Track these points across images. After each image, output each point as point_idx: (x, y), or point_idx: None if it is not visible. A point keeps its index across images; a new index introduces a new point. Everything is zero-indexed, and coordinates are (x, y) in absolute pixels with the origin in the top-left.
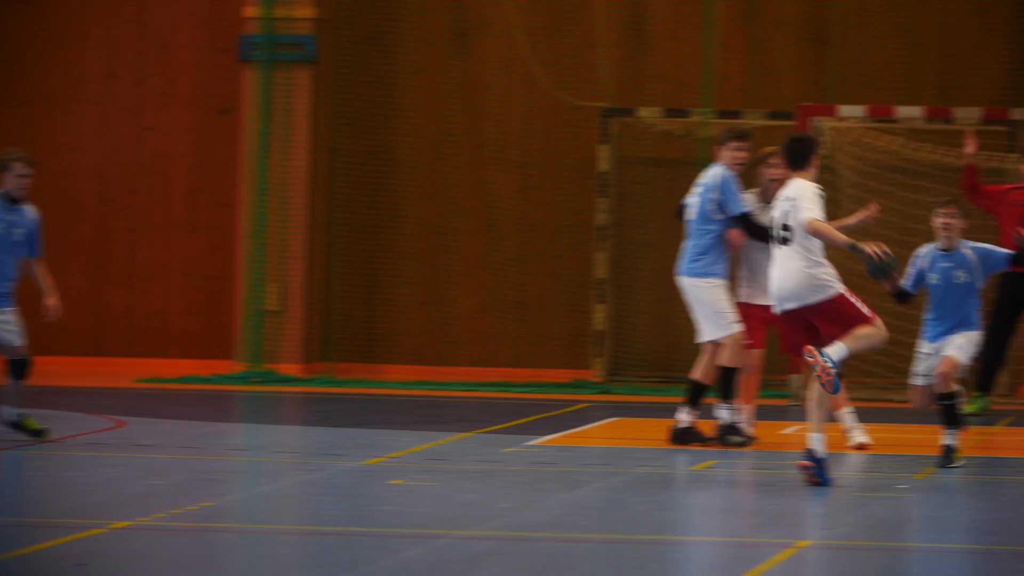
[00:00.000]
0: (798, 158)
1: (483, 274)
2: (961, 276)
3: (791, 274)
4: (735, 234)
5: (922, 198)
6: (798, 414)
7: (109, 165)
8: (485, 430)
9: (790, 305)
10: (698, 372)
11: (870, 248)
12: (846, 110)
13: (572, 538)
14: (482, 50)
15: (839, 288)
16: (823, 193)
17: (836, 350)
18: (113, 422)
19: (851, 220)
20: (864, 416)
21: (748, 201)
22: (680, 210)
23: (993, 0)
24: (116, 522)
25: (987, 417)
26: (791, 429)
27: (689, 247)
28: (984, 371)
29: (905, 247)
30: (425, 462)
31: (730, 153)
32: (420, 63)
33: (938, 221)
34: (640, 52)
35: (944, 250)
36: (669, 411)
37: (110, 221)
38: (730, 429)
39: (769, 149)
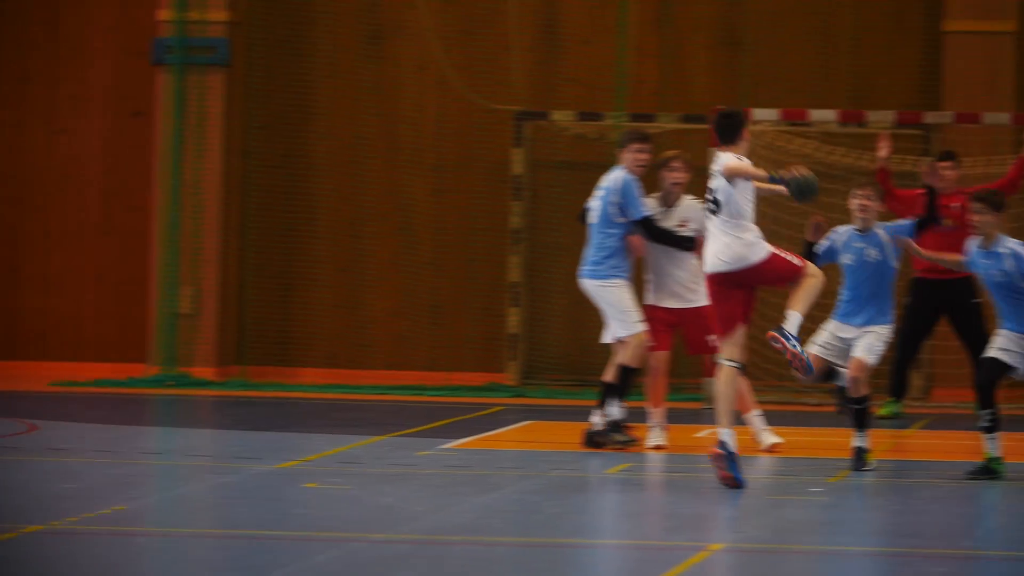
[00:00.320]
0: (728, 133)
1: (397, 277)
2: (873, 254)
3: (725, 243)
4: (637, 239)
5: (836, 201)
6: (711, 418)
7: (22, 168)
8: (399, 433)
9: (728, 268)
10: (609, 374)
11: (790, 171)
12: (760, 113)
13: (486, 541)
14: (396, 53)
15: (770, 248)
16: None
17: (792, 323)
18: (26, 426)
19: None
20: (779, 419)
21: (649, 205)
22: (583, 214)
23: (906, 4)
24: (28, 526)
25: (901, 420)
26: (704, 432)
27: (592, 250)
28: (897, 376)
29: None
30: (339, 465)
31: (631, 155)
32: (334, 66)
33: (854, 203)
34: (553, 56)
35: (860, 231)
36: (583, 414)
37: (23, 224)
38: (616, 427)
39: (671, 153)
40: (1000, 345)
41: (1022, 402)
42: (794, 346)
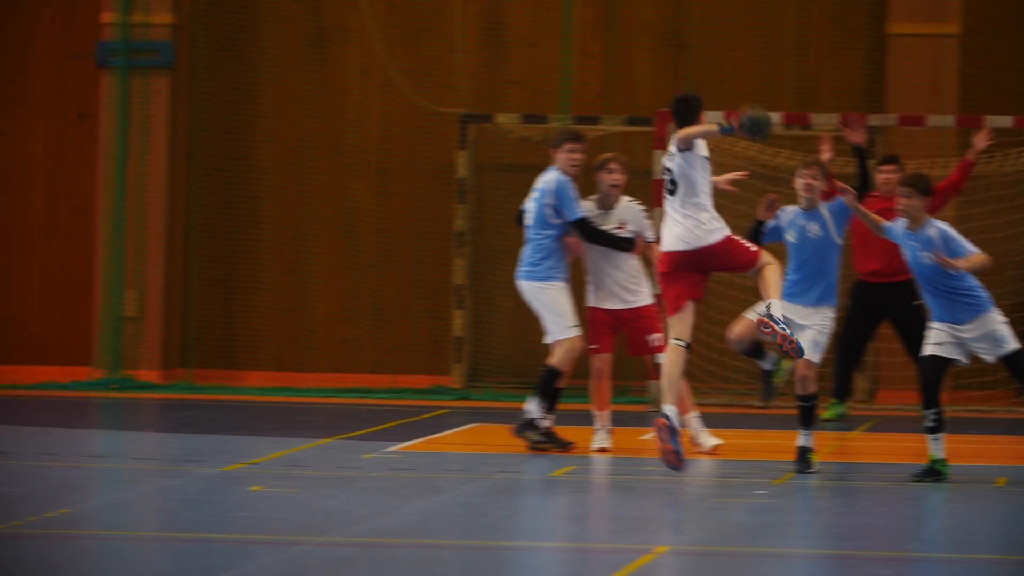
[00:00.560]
0: (686, 116)
1: (342, 280)
2: (815, 230)
3: (685, 226)
4: (573, 240)
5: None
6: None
7: None
8: (344, 436)
9: (686, 247)
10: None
11: (741, 111)
12: (704, 116)
13: (431, 544)
14: (340, 56)
15: (728, 231)
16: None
17: (775, 309)
18: None
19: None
20: (724, 422)
21: (586, 207)
22: (520, 216)
23: (849, 6)
24: None
25: (846, 423)
26: (650, 435)
27: (528, 251)
28: (840, 378)
29: None
30: (284, 468)
31: (565, 155)
32: (278, 69)
33: (800, 182)
34: (498, 58)
35: (804, 210)
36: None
37: None
38: (531, 425)
39: (608, 155)
40: (934, 340)
41: (967, 404)
42: (783, 329)
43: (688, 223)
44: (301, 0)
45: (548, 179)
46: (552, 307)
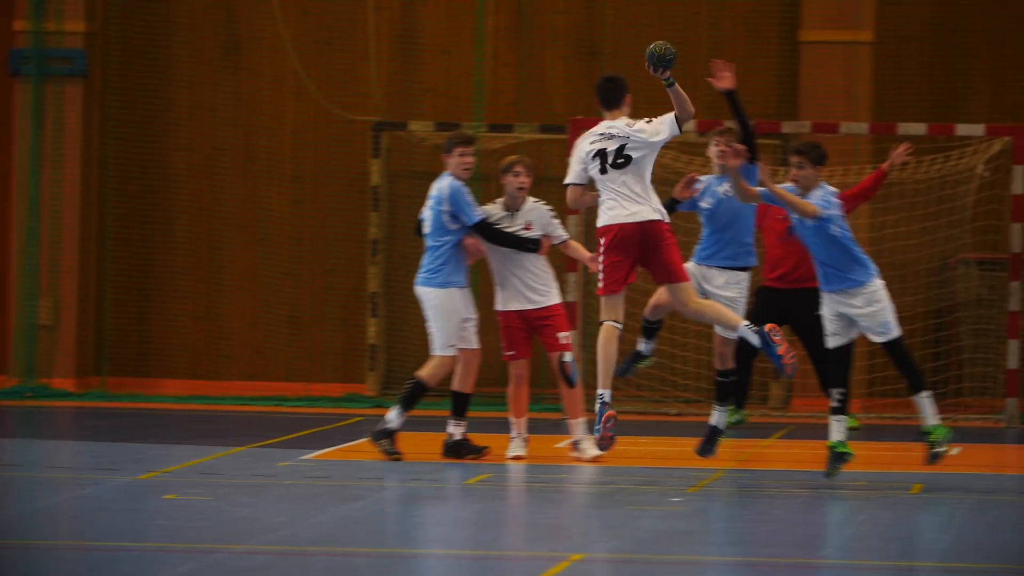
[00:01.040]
0: (613, 97)
1: (256, 288)
2: (725, 189)
3: (638, 204)
4: (471, 242)
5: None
6: (569, 427)
7: None
8: (259, 444)
9: (637, 219)
10: (456, 383)
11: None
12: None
13: (347, 552)
14: (253, 64)
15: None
16: None
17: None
18: None
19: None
20: (639, 429)
21: (492, 210)
22: (419, 226)
23: (763, 14)
24: None
25: (762, 430)
26: (566, 442)
27: (427, 258)
28: (738, 385)
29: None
30: (200, 476)
31: (457, 159)
32: (191, 77)
33: (714, 149)
34: (411, 66)
35: (719, 176)
36: (442, 424)
37: None
38: (386, 433)
39: (512, 158)
40: (830, 331)
41: (882, 411)
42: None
43: (642, 201)
44: (214, 8)
45: (442, 185)
46: (441, 318)
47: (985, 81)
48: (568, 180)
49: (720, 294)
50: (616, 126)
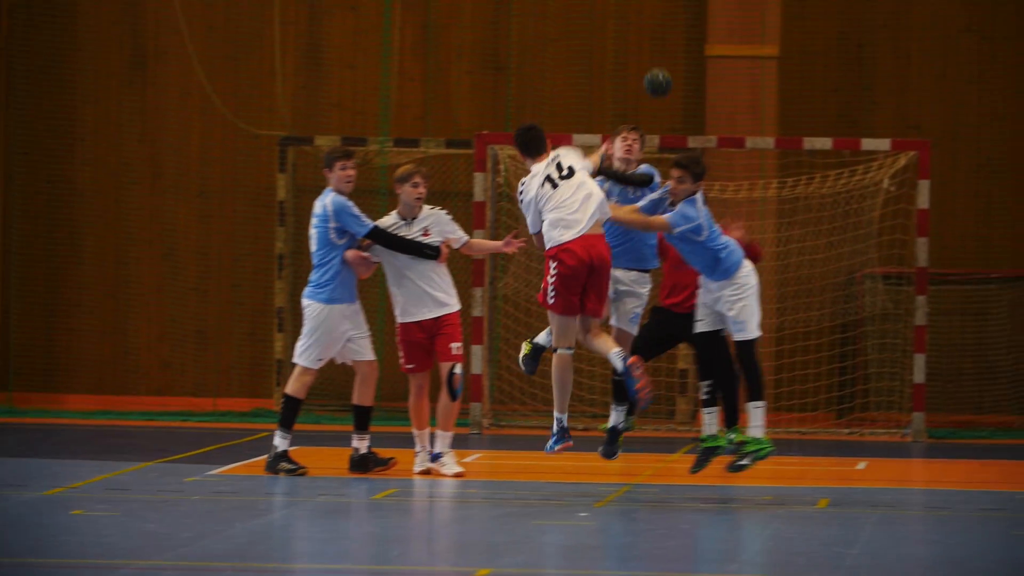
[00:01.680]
0: (535, 145)
1: (163, 303)
2: (629, 191)
3: (599, 232)
4: (353, 256)
5: None
6: (479, 442)
7: None
8: (166, 459)
9: (591, 222)
10: (356, 397)
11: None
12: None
13: (254, 568)
14: (160, 79)
15: None
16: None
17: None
18: None
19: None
20: (545, 443)
21: (387, 221)
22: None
23: (668, 28)
24: None
25: (668, 445)
26: (472, 458)
27: (314, 274)
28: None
29: None
30: (107, 492)
31: (338, 174)
32: (97, 92)
33: (619, 144)
34: (317, 81)
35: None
36: (349, 439)
37: None
38: (279, 458)
39: (409, 168)
40: (698, 317)
41: (788, 425)
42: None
43: (591, 207)
44: (120, 23)
45: (326, 202)
46: (312, 333)
47: (890, 96)
48: (532, 230)
49: (634, 290)
50: (546, 160)
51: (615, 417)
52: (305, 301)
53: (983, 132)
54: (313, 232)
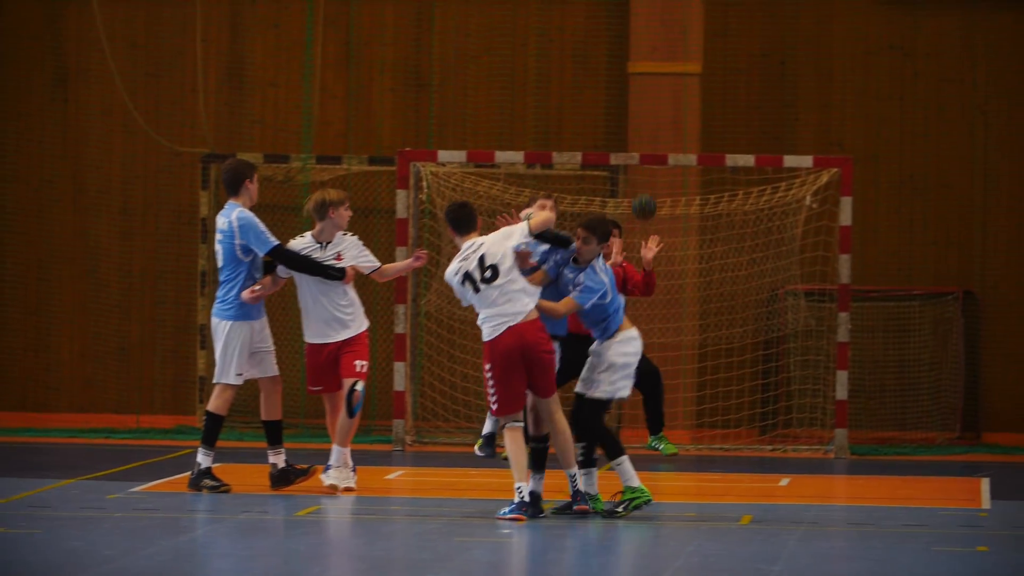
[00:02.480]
0: (465, 223)
1: (85, 320)
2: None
3: (517, 304)
4: (246, 295)
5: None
6: (401, 459)
7: None
8: (89, 476)
9: (519, 317)
10: (264, 413)
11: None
12: (446, 155)
13: None
14: (82, 96)
15: None
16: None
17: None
18: None
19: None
20: (469, 461)
21: (300, 243)
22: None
23: (590, 45)
24: None
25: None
26: (395, 474)
27: (220, 291)
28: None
29: None
30: (28, 509)
31: (248, 188)
32: (19, 109)
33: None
34: (239, 98)
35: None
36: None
37: None
38: (202, 475)
39: (343, 193)
40: (582, 375)
41: (711, 442)
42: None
43: (519, 300)
44: (42, 39)
45: (232, 218)
46: (227, 349)
47: (813, 113)
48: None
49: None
50: (472, 244)
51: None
52: (214, 320)
53: (905, 149)
54: (218, 248)
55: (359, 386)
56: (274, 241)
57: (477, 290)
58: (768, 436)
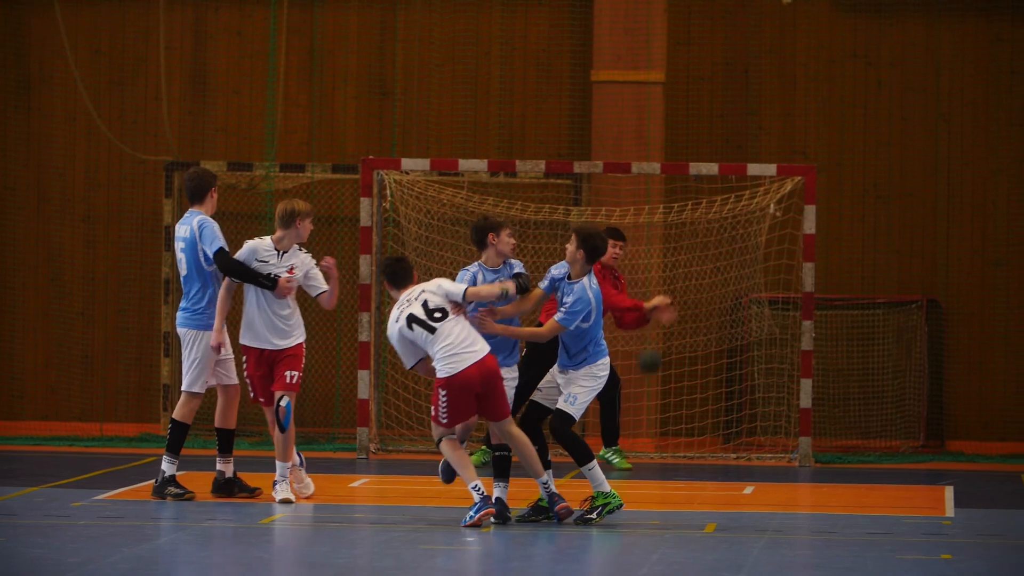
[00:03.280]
0: (400, 278)
1: (49, 328)
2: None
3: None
4: (214, 344)
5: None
6: (365, 467)
7: None
8: (53, 484)
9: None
10: (218, 420)
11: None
12: (409, 163)
13: None
14: (45, 104)
15: None
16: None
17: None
18: None
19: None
20: (433, 469)
21: (260, 245)
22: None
23: (553, 53)
24: None
25: (555, 471)
26: (359, 482)
27: (185, 300)
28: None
29: None
30: None
31: (214, 195)
32: None
33: (507, 239)
34: (203, 106)
35: (495, 268)
36: (236, 464)
37: None
38: (166, 482)
39: (309, 205)
40: (540, 384)
41: (675, 450)
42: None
43: (479, 339)
44: (5, 47)
45: (193, 224)
46: (196, 359)
47: (776, 121)
48: (408, 366)
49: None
50: (411, 292)
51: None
52: (183, 329)
53: (869, 158)
54: (181, 257)
55: (284, 401)
56: (220, 245)
57: (432, 330)
58: (732, 444)
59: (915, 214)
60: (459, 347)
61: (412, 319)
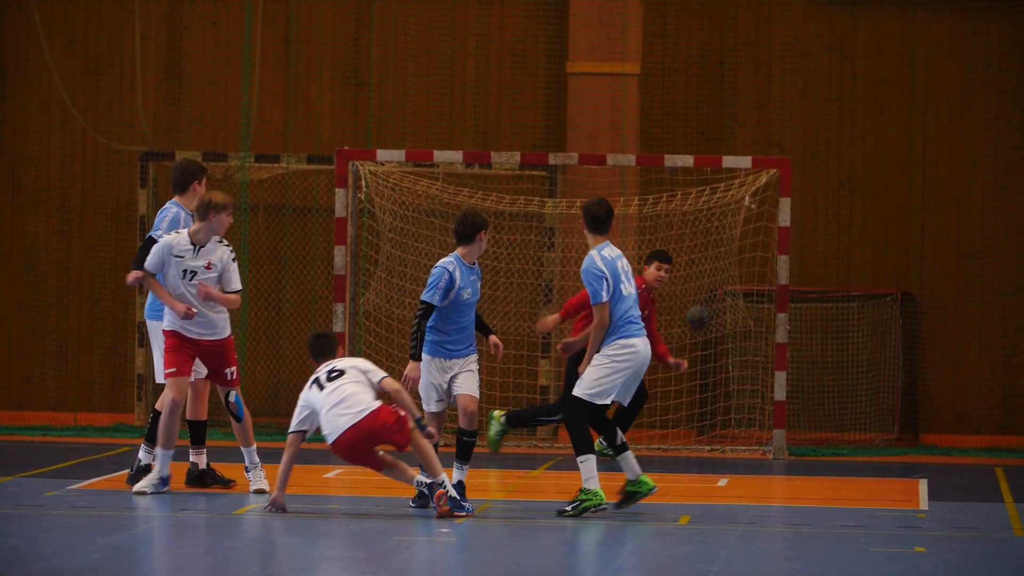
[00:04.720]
0: (328, 351)
1: (23, 317)
2: (479, 286)
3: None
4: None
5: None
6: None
7: None
8: (26, 474)
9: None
10: (189, 412)
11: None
12: (384, 155)
13: None
14: (20, 93)
15: None
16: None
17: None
18: None
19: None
20: (408, 461)
21: (176, 240)
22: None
23: (529, 45)
24: None
25: (530, 462)
26: (333, 473)
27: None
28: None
29: None
30: None
31: (198, 188)
32: None
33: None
34: (178, 96)
35: (471, 265)
36: (213, 454)
37: None
38: (145, 471)
39: (229, 198)
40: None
41: (649, 443)
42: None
43: (363, 399)
44: None
45: (164, 216)
46: (162, 348)
47: (752, 113)
48: (293, 428)
49: (469, 367)
50: (329, 363)
51: (457, 474)
52: (150, 322)
53: (844, 150)
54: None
55: (232, 396)
56: (152, 234)
57: (321, 388)
58: (706, 436)
59: (890, 207)
60: (339, 409)
61: (315, 381)
